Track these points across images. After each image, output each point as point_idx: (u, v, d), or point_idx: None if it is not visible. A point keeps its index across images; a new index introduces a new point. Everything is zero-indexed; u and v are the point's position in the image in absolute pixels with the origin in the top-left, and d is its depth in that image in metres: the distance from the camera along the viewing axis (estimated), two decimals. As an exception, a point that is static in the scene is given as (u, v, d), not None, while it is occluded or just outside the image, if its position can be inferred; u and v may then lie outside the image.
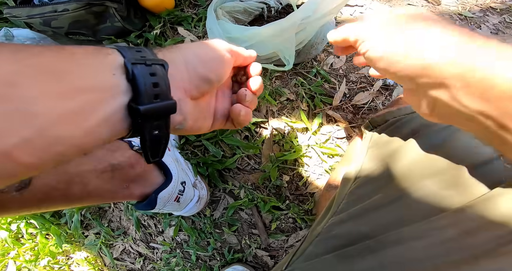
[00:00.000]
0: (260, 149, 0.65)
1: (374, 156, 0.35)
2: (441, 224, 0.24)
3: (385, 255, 0.26)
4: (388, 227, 0.27)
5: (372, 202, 0.30)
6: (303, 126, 0.62)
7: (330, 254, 0.29)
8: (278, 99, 0.64)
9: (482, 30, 0.76)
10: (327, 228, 0.32)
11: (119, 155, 0.48)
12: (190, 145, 0.67)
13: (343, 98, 0.62)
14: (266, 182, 0.65)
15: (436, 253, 0.24)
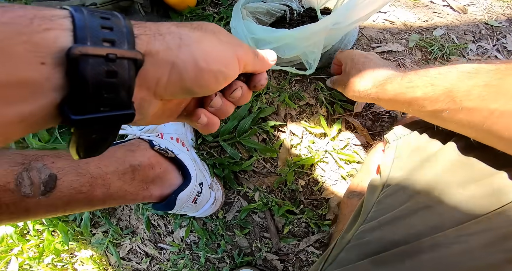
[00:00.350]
0: (278, 152, 0.64)
1: (401, 165, 0.35)
2: (476, 230, 0.25)
3: (422, 259, 0.26)
4: (420, 234, 0.27)
5: (402, 210, 0.30)
6: (321, 132, 0.62)
7: (365, 260, 0.28)
8: (298, 103, 0.64)
9: (507, 39, 0.75)
10: (357, 235, 0.32)
11: (140, 155, 0.49)
12: (206, 146, 0.67)
13: (364, 105, 0.62)
14: (281, 186, 0.65)
15: (471, 258, 0.24)
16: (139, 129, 0.57)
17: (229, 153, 0.66)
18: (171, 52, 0.18)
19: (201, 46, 0.20)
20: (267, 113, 0.65)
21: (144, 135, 0.55)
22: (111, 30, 0.16)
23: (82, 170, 0.38)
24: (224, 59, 0.21)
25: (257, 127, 0.65)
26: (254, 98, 0.65)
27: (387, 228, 0.30)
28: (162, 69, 0.18)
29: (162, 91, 0.19)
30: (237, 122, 0.66)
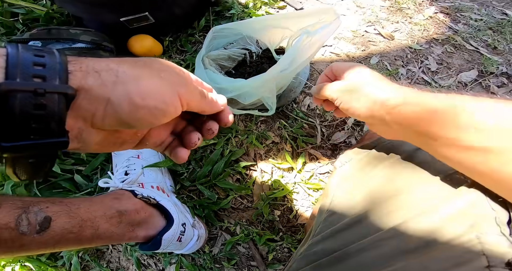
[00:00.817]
0: (252, 189, 0.67)
1: (342, 188, 0.41)
2: (389, 236, 0.29)
3: (350, 262, 0.30)
4: (351, 242, 0.32)
5: (340, 225, 0.35)
6: (288, 166, 0.66)
7: (307, 267, 0.34)
8: (264, 142, 0.67)
9: (429, 61, 0.85)
10: (307, 248, 0.36)
11: (125, 203, 0.53)
12: (185, 190, 0.68)
13: (322, 137, 0.67)
14: (259, 218, 0.68)
15: (385, 260, 0.28)
16: (120, 182, 0.60)
17: (207, 195, 0.68)
18: (105, 88, 0.19)
19: (138, 83, 0.20)
20: (238, 155, 0.67)
21: (127, 186, 0.58)
22: (44, 66, 0.17)
23: (73, 213, 0.43)
24: (161, 96, 0.21)
25: (230, 169, 0.67)
26: (225, 142, 0.67)
27: (328, 240, 0.35)
28: (97, 103, 0.19)
29: (99, 123, 0.20)
30: (211, 167, 0.68)
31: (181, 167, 0.69)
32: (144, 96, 0.20)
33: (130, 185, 0.59)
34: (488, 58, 0.89)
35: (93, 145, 0.22)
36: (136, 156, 0.68)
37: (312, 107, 0.71)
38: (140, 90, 0.20)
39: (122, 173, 0.63)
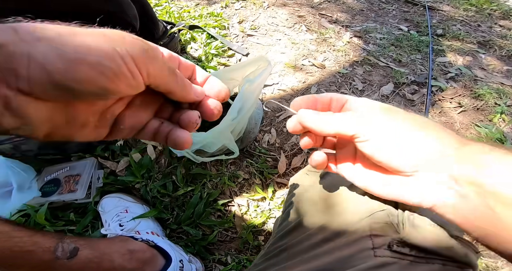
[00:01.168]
0: (233, 222, 0.73)
1: (290, 200, 0.48)
2: (315, 231, 0.37)
3: (289, 251, 0.38)
4: (294, 238, 0.40)
5: (288, 229, 0.42)
6: (261, 197, 0.74)
7: (262, 259, 0.41)
8: (236, 180, 0.74)
9: (356, 82, 1.00)
10: (266, 249, 0.44)
11: (132, 243, 0.60)
12: (174, 233, 0.73)
13: (285, 165, 0.76)
14: (246, 245, 0.74)
15: (310, 248, 0.35)
16: (120, 230, 0.66)
17: (193, 233, 0.72)
18: (24, 44, 0.15)
19: (70, 38, 0.16)
20: (215, 196, 0.73)
21: (126, 233, 0.64)
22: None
23: (95, 248, 0.52)
24: (106, 52, 0.17)
25: (210, 209, 0.72)
26: (202, 187, 0.72)
27: (278, 240, 0.41)
28: (17, 60, 0.15)
29: (26, 86, 0.15)
30: (193, 209, 0.73)
31: (166, 214, 0.73)
32: (80, 50, 0.16)
33: (129, 232, 0.65)
34: (397, 71, 1.08)
35: (41, 124, 0.17)
36: (124, 211, 0.71)
37: (271, 142, 0.80)
38: (74, 43, 0.16)
39: (117, 226, 0.67)
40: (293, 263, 0.34)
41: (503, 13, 1.55)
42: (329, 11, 1.40)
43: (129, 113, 0.23)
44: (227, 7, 1.34)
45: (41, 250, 0.46)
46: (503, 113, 0.96)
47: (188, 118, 0.24)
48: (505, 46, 1.26)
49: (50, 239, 0.48)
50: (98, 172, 0.76)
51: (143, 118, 0.24)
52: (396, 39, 1.23)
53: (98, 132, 0.21)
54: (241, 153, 0.73)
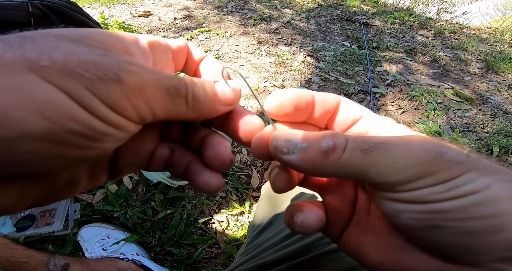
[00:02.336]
0: (215, 238, 0.70)
1: (259, 206, 0.49)
2: (281, 227, 0.38)
3: (263, 246, 0.38)
4: (265, 235, 0.40)
5: (261, 228, 0.43)
6: (239, 211, 0.71)
7: (241, 256, 0.41)
8: (214, 199, 0.70)
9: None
10: (244, 249, 0.43)
11: (120, 263, 0.55)
12: (158, 255, 0.67)
13: (258, 180, 0.74)
14: (231, 259, 0.70)
15: (279, 241, 0.36)
16: (104, 252, 0.60)
17: (177, 253, 0.68)
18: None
19: None
20: (194, 216, 0.69)
21: (110, 255, 0.59)
22: None
23: (85, 265, 0.49)
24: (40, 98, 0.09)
25: (191, 228, 0.68)
26: (181, 209, 0.68)
27: (253, 240, 0.42)
28: None
29: None
30: (174, 230, 0.68)
31: (148, 237, 0.68)
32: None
33: (114, 254, 0.60)
34: (345, 83, 1.12)
35: (12, 205, 0.11)
36: (105, 238, 0.66)
37: (243, 161, 0.78)
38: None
39: (101, 249, 0.62)
40: (265, 255, 0.34)
41: (421, 23, 1.68)
42: (285, 35, 1.44)
43: (126, 148, 0.15)
44: (192, 39, 1.33)
45: (35, 262, 0.45)
46: (436, 110, 1.02)
47: (218, 157, 0.15)
48: (427, 52, 1.36)
49: (43, 254, 0.47)
50: (74, 205, 0.69)
51: (146, 148, 0.16)
52: (341, 55, 1.29)
53: (96, 180, 0.15)
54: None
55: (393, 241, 0.14)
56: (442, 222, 0.12)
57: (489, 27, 1.82)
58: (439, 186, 0.12)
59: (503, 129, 0.92)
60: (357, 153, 0.12)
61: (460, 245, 0.12)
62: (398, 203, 0.13)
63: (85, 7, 1.77)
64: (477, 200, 0.11)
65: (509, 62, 1.27)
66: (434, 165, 0.12)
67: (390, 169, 0.12)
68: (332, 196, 0.17)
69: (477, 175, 0.12)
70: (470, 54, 1.40)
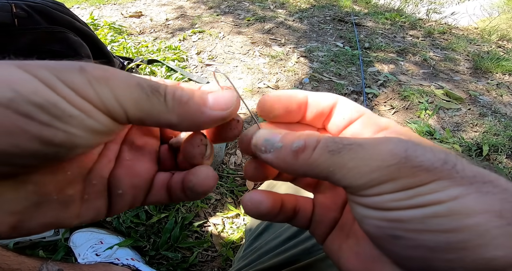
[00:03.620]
0: (211, 241, 0.69)
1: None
2: (281, 230, 0.37)
3: (262, 249, 0.37)
4: (262, 240, 0.40)
5: (258, 231, 0.42)
6: (235, 214, 0.70)
7: (240, 260, 0.40)
8: (209, 202, 0.69)
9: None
10: (242, 252, 0.43)
11: (115, 268, 0.54)
12: (153, 259, 0.66)
13: (254, 183, 0.73)
14: (228, 262, 0.70)
15: (278, 245, 0.36)
16: (97, 258, 0.59)
17: (172, 257, 0.67)
18: None
19: None
20: (189, 219, 0.68)
21: (104, 260, 0.57)
22: None
23: (79, 270, 0.48)
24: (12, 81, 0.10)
25: (186, 231, 0.67)
26: (175, 212, 0.67)
27: (250, 244, 0.41)
28: None
29: None
30: (169, 234, 0.67)
31: (142, 241, 0.67)
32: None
33: (108, 259, 0.58)
34: (338, 84, 1.12)
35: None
36: (99, 243, 0.64)
37: (237, 163, 0.77)
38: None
39: (94, 255, 0.60)
40: (264, 260, 0.33)
41: (411, 24, 1.71)
42: (278, 36, 1.43)
43: (123, 171, 0.15)
44: (185, 39, 1.31)
45: (27, 269, 0.43)
46: (426, 109, 1.04)
47: (189, 147, 0.14)
48: (417, 52, 1.38)
49: (35, 260, 0.45)
50: None
51: (145, 171, 0.15)
52: (334, 55, 1.29)
53: (92, 206, 0.14)
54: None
55: (370, 250, 0.14)
56: (401, 232, 0.11)
57: (476, 27, 1.86)
58: (400, 193, 0.11)
59: (492, 128, 0.94)
60: (325, 154, 0.12)
61: (420, 260, 0.11)
62: (362, 207, 0.12)
63: (73, 7, 1.73)
64: (437, 212, 0.10)
65: (496, 62, 1.30)
66: (396, 171, 0.11)
67: (353, 172, 0.11)
68: (323, 195, 0.17)
69: (448, 184, 0.11)
70: (459, 54, 1.43)
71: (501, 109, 1.05)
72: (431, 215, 0.10)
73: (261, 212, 0.15)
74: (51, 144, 0.10)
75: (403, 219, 0.11)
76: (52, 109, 0.10)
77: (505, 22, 2.22)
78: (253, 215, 0.15)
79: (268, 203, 0.15)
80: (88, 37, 0.69)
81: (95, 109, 0.11)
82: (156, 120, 0.12)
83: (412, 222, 0.11)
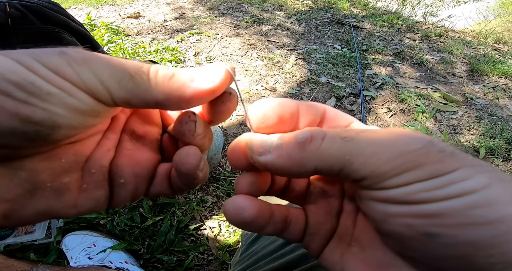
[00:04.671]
0: (207, 244, 0.68)
1: None
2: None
3: (259, 253, 0.37)
4: (263, 242, 0.39)
5: (252, 240, 0.42)
6: (231, 216, 0.69)
7: (237, 265, 0.40)
8: (205, 205, 0.69)
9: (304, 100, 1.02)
10: (239, 257, 0.42)
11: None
12: (148, 263, 0.65)
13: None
14: (224, 265, 0.69)
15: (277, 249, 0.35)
16: (90, 261, 0.57)
17: (167, 260, 0.66)
18: None
19: None
20: (185, 222, 0.67)
21: (97, 263, 0.56)
22: None
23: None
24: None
25: (182, 235, 0.66)
26: (171, 215, 0.66)
27: (247, 249, 0.40)
28: None
29: None
30: (164, 237, 0.66)
31: (137, 245, 0.66)
32: None
33: (101, 262, 0.57)
34: (336, 86, 1.12)
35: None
36: (91, 246, 0.63)
37: (233, 164, 0.77)
38: None
39: (86, 258, 0.59)
40: (261, 265, 0.33)
41: (409, 26, 1.72)
42: (276, 38, 1.43)
43: (124, 160, 0.14)
44: (183, 41, 1.31)
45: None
46: (424, 112, 1.04)
47: (178, 124, 0.14)
48: (414, 55, 1.39)
49: (25, 263, 0.45)
50: None
51: (147, 160, 0.15)
52: (332, 57, 1.30)
53: (91, 196, 0.13)
54: (208, 179, 0.69)
55: (379, 256, 0.13)
56: (438, 229, 0.09)
57: (473, 30, 1.87)
58: (430, 181, 0.10)
59: (489, 131, 0.94)
60: (338, 141, 0.11)
61: (459, 259, 0.09)
62: (386, 204, 0.11)
63: (71, 8, 1.72)
64: (477, 201, 0.09)
65: (492, 64, 1.31)
66: (424, 155, 0.10)
67: (373, 159, 0.10)
68: (315, 206, 0.15)
69: (473, 171, 0.09)
70: (455, 57, 1.44)
71: (498, 112, 1.05)
72: (472, 206, 0.09)
73: (244, 220, 0.13)
74: (30, 121, 0.10)
75: (440, 213, 0.09)
76: (29, 87, 0.10)
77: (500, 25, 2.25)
78: (235, 223, 0.13)
79: (253, 210, 0.13)
80: (83, 37, 0.68)
81: (76, 88, 0.11)
82: (142, 99, 0.12)
83: (452, 216, 0.09)
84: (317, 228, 0.15)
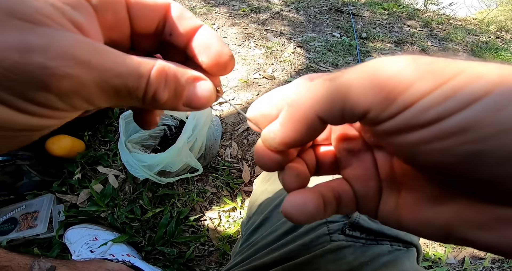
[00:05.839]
0: (208, 235, 0.67)
1: (251, 200, 0.46)
2: (280, 221, 0.35)
3: (258, 244, 0.36)
4: (261, 233, 0.38)
5: (255, 225, 0.40)
6: (231, 207, 0.69)
7: (237, 255, 0.39)
8: (205, 196, 0.68)
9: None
10: (239, 248, 0.41)
11: (110, 264, 0.53)
12: (149, 255, 0.65)
13: (250, 174, 0.71)
14: (225, 256, 0.68)
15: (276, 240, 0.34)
16: (92, 254, 0.57)
17: (168, 252, 0.66)
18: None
19: None
20: (185, 213, 0.66)
21: (99, 256, 0.56)
22: None
23: (73, 266, 0.47)
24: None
25: (182, 226, 0.66)
26: (171, 207, 0.65)
27: (247, 239, 0.40)
28: None
29: None
30: (165, 229, 0.65)
31: (138, 237, 0.65)
32: None
33: (102, 255, 0.57)
34: (336, 74, 1.09)
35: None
36: (93, 239, 0.63)
37: (233, 155, 0.75)
38: None
39: (88, 251, 0.59)
40: (261, 255, 0.33)
41: (409, 14, 1.68)
42: (274, 26, 1.39)
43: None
44: (179, 30, 1.27)
45: (17, 266, 0.43)
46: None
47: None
48: (415, 43, 1.35)
49: (26, 257, 0.45)
50: (58, 207, 0.66)
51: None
52: (331, 45, 1.26)
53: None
54: (206, 169, 0.67)
55: (429, 193, 0.11)
56: (474, 145, 0.08)
57: (475, 18, 1.83)
58: (434, 93, 0.08)
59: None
60: (325, 83, 0.11)
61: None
62: (403, 135, 0.09)
63: None
64: (498, 102, 0.08)
65: (495, 52, 1.28)
66: (415, 70, 0.09)
67: (368, 87, 0.09)
68: (350, 168, 0.15)
69: (474, 71, 0.08)
70: (457, 44, 1.41)
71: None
72: (494, 108, 0.07)
73: (311, 213, 0.13)
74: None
75: (464, 127, 0.08)
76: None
77: (503, 14, 2.20)
78: (302, 221, 0.13)
79: (313, 199, 0.13)
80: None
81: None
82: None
83: (479, 126, 0.08)
84: (364, 187, 0.14)
